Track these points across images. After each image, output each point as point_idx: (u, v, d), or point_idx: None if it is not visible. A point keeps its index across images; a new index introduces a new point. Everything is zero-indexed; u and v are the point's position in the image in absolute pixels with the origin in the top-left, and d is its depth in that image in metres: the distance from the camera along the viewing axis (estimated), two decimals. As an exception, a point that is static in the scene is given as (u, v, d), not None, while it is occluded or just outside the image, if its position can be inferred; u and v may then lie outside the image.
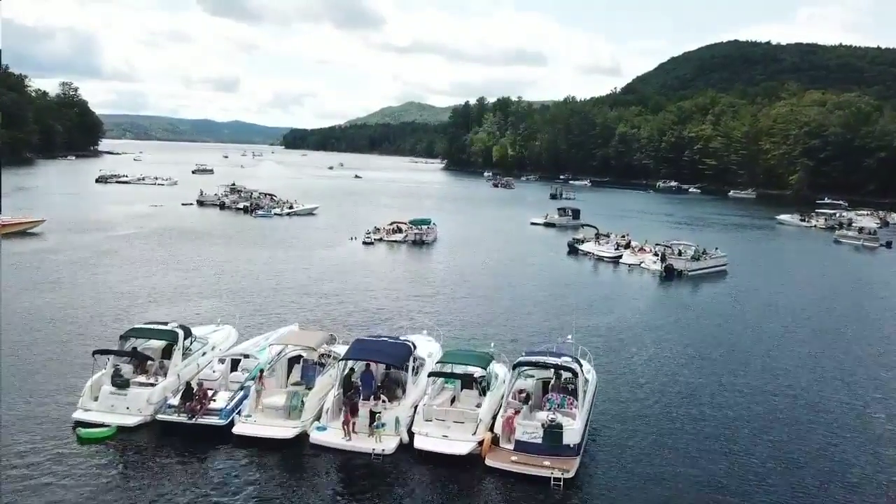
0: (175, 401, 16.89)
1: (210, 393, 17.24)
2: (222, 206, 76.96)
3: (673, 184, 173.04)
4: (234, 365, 19.13)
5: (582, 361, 18.47)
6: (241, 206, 75.61)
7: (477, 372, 18.14)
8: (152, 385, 17.48)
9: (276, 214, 71.37)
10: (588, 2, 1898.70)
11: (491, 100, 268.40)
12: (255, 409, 16.82)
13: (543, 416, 16.21)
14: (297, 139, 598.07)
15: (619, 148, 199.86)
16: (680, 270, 43.02)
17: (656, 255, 46.12)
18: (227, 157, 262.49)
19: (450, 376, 18.02)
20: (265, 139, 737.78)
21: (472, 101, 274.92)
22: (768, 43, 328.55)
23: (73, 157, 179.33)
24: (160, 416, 16.75)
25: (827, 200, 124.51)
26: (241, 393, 17.54)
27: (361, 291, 34.41)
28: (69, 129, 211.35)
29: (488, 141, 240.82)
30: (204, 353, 19.89)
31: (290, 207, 74.55)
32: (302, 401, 16.92)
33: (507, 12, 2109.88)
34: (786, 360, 25.83)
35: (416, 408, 17.06)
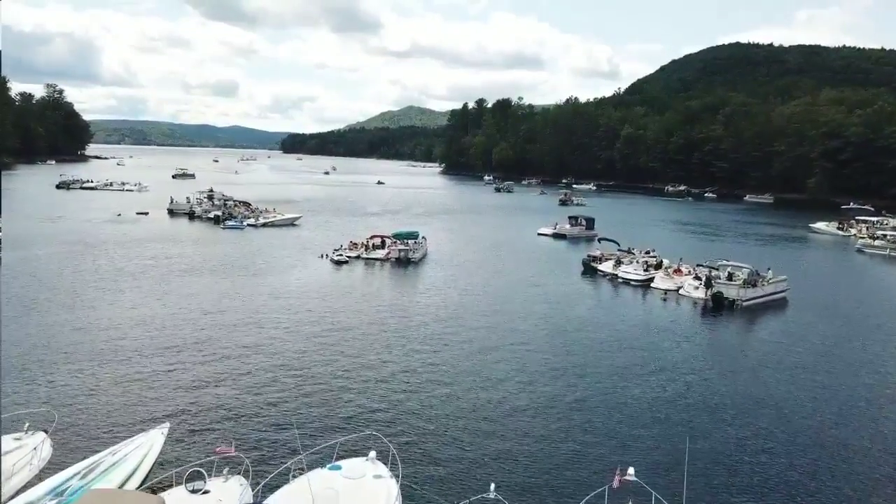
0: None
1: None
2: (192, 216, 68.10)
3: (683, 187, 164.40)
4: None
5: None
6: (212, 215, 66.63)
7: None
8: None
9: (249, 225, 62.42)
10: (584, 5, 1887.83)
11: (490, 101, 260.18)
12: None
13: None
14: (295, 143, 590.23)
15: (624, 150, 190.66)
16: (732, 300, 33.76)
17: (698, 278, 36.94)
18: (217, 161, 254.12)
19: None
20: (265, 144, 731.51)
21: (471, 104, 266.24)
22: (771, 45, 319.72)
23: (53, 162, 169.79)
24: None
25: (853, 206, 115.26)
26: None
27: (294, 351, 23.41)
28: (54, 132, 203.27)
29: (488, 144, 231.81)
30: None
31: (263, 216, 65.77)
32: None
33: (504, 16, 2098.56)
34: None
35: None
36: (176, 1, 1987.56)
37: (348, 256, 44.08)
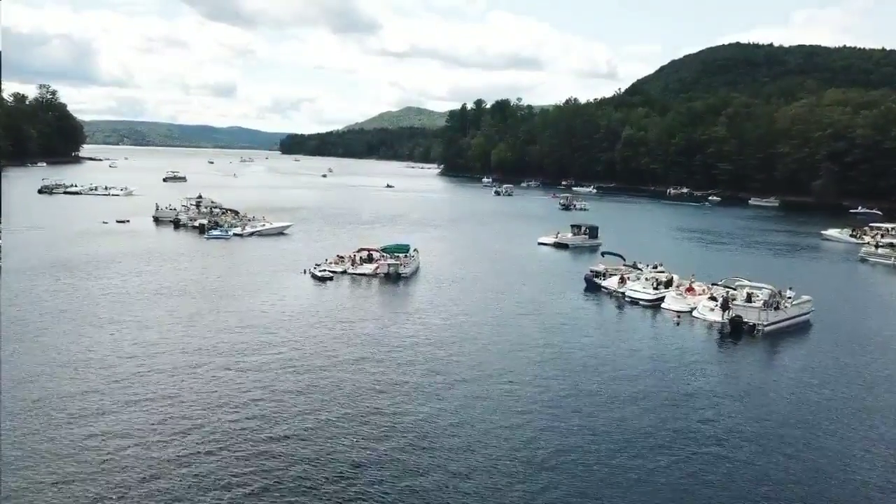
0: None
1: None
2: (177, 224, 64.94)
3: (685, 190, 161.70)
4: None
5: None
6: (197, 223, 63.43)
7: None
8: None
9: (235, 235, 59.30)
10: (583, 6, 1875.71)
11: (489, 102, 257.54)
12: None
13: None
14: (294, 144, 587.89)
15: (625, 152, 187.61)
16: (752, 324, 30.73)
17: (713, 299, 33.90)
18: (212, 162, 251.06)
19: None
20: (264, 144, 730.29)
21: (470, 105, 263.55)
22: (771, 45, 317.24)
23: (45, 164, 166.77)
24: None
25: (862, 210, 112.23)
26: None
27: (239, 418, 18.79)
28: (47, 134, 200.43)
29: (486, 145, 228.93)
30: None
31: (251, 225, 62.62)
32: None
33: (503, 16, 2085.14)
34: None
35: None
36: (174, 1, 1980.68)
37: (332, 272, 40.91)
